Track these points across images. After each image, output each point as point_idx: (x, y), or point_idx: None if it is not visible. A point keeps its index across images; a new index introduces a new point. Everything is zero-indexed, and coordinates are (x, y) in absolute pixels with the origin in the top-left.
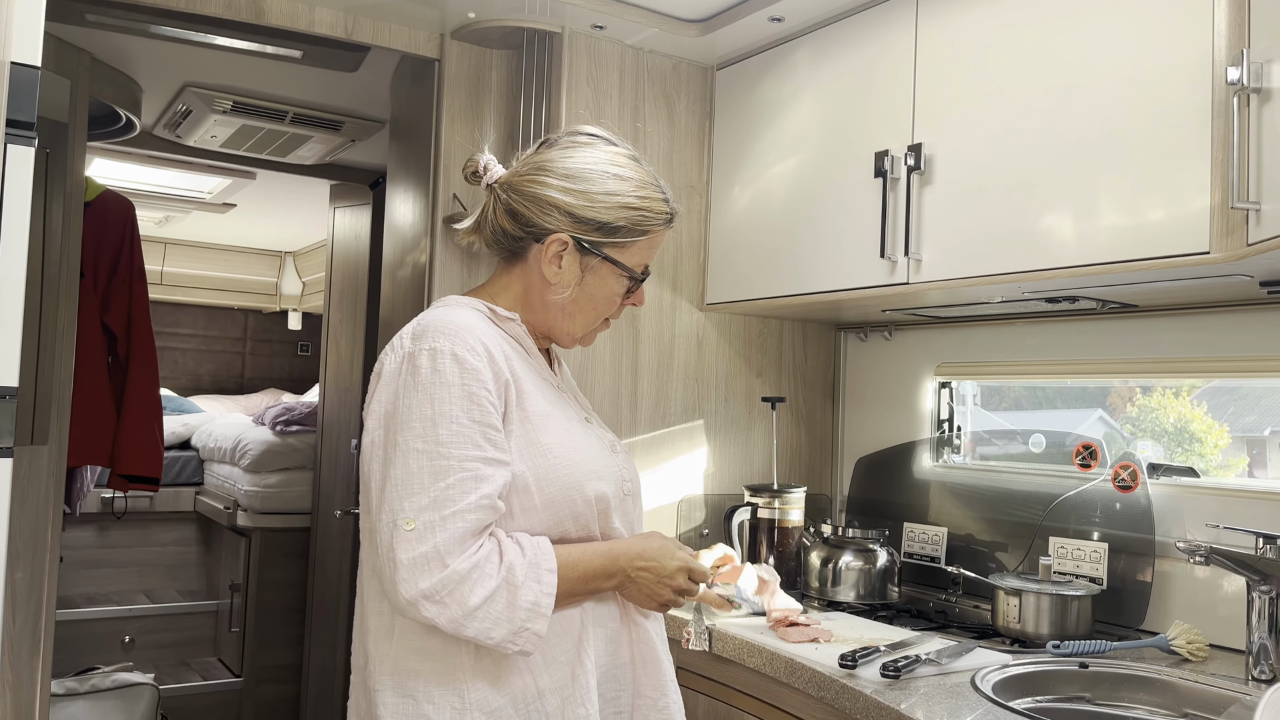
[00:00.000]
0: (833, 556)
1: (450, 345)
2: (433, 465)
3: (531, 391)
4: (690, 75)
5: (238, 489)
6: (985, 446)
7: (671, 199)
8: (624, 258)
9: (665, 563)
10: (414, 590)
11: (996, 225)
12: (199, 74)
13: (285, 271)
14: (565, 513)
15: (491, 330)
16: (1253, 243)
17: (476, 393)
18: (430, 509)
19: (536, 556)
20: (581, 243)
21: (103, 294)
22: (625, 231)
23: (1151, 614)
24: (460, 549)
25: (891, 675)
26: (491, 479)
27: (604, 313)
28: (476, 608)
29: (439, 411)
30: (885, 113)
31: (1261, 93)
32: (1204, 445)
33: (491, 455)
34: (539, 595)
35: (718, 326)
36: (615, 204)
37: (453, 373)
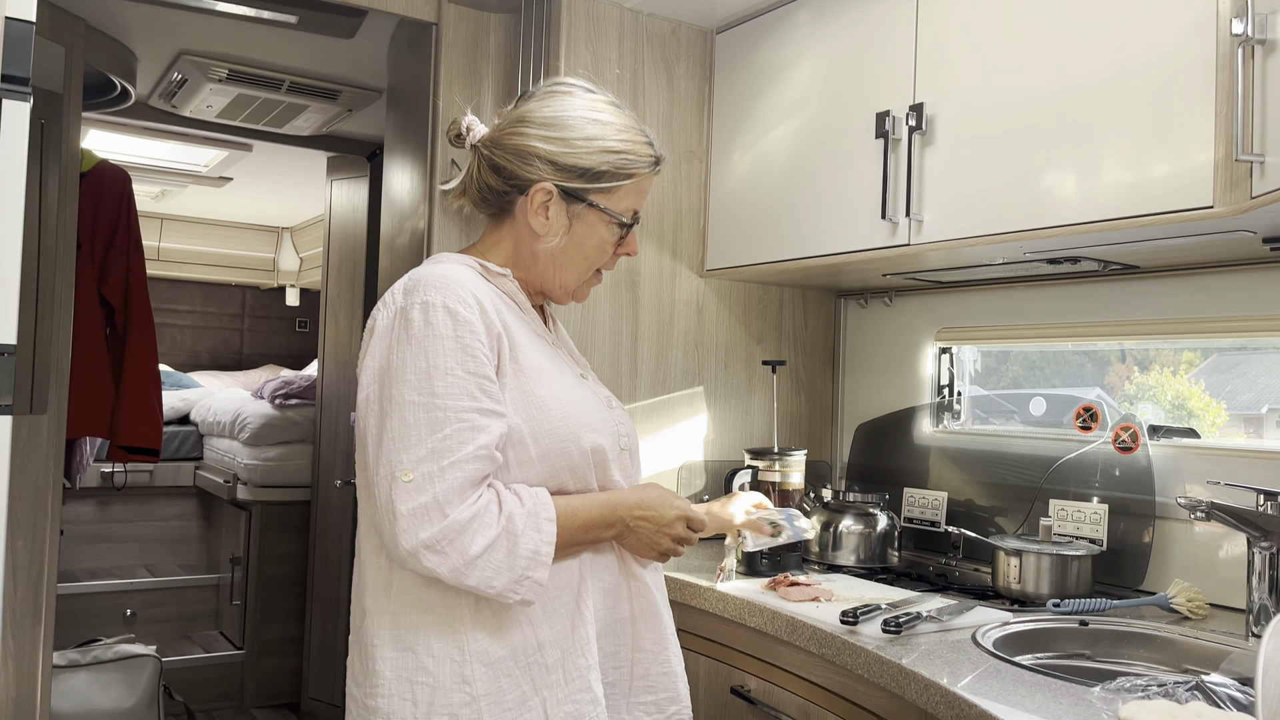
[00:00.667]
0: (833, 520)
1: (442, 298)
2: (429, 417)
3: (525, 345)
4: (690, 39)
5: (237, 463)
6: (988, 416)
7: (657, 144)
8: (611, 204)
9: (664, 512)
10: (414, 541)
11: (998, 184)
12: (194, 41)
13: (283, 247)
14: (562, 465)
15: (483, 285)
16: (1256, 195)
17: (470, 344)
18: (428, 460)
19: (535, 506)
20: (566, 190)
21: (100, 266)
22: (609, 176)
23: (1151, 574)
24: (460, 499)
25: (893, 631)
26: (488, 429)
27: (595, 262)
28: (477, 556)
29: (433, 364)
30: (886, 73)
31: (1266, 44)
32: (1201, 422)
33: (487, 406)
34: (539, 544)
35: (718, 293)
36: (597, 149)
37: (445, 325)
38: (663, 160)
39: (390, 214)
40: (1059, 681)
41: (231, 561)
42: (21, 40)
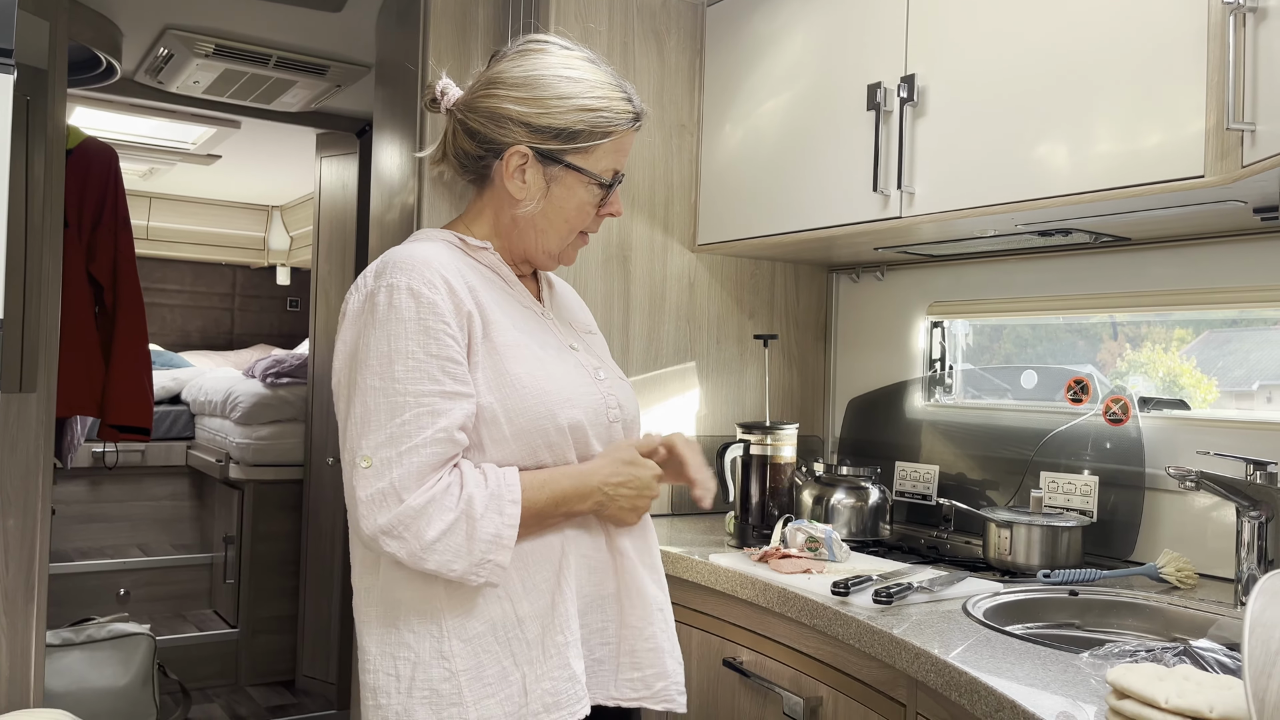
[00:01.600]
0: (825, 494)
1: (407, 280)
2: (389, 402)
3: (500, 321)
4: (680, 11)
5: (229, 442)
6: (980, 394)
7: (637, 99)
8: (588, 164)
9: (640, 475)
10: (373, 526)
11: (990, 156)
12: (180, 15)
13: (273, 226)
14: (538, 442)
15: (459, 261)
16: (1247, 164)
17: (433, 326)
18: (386, 445)
19: (499, 488)
20: (541, 153)
21: (87, 243)
22: (585, 135)
23: (1141, 545)
24: (417, 483)
25: (884, 602)
26: (449, 412)
27: (577, 225)
28: (434, 541)
29: (395, 348)
30: (878, 44)
31: (1258, 12)
32: (1193, 399)
33: (450, 389)
34: (500, 527)
35: (709, 268)
36: (570, 107)
37: (409, 308)
38: (644, 115)
39: (380, 190)
40: (1048, 650)
41: (224, 540)
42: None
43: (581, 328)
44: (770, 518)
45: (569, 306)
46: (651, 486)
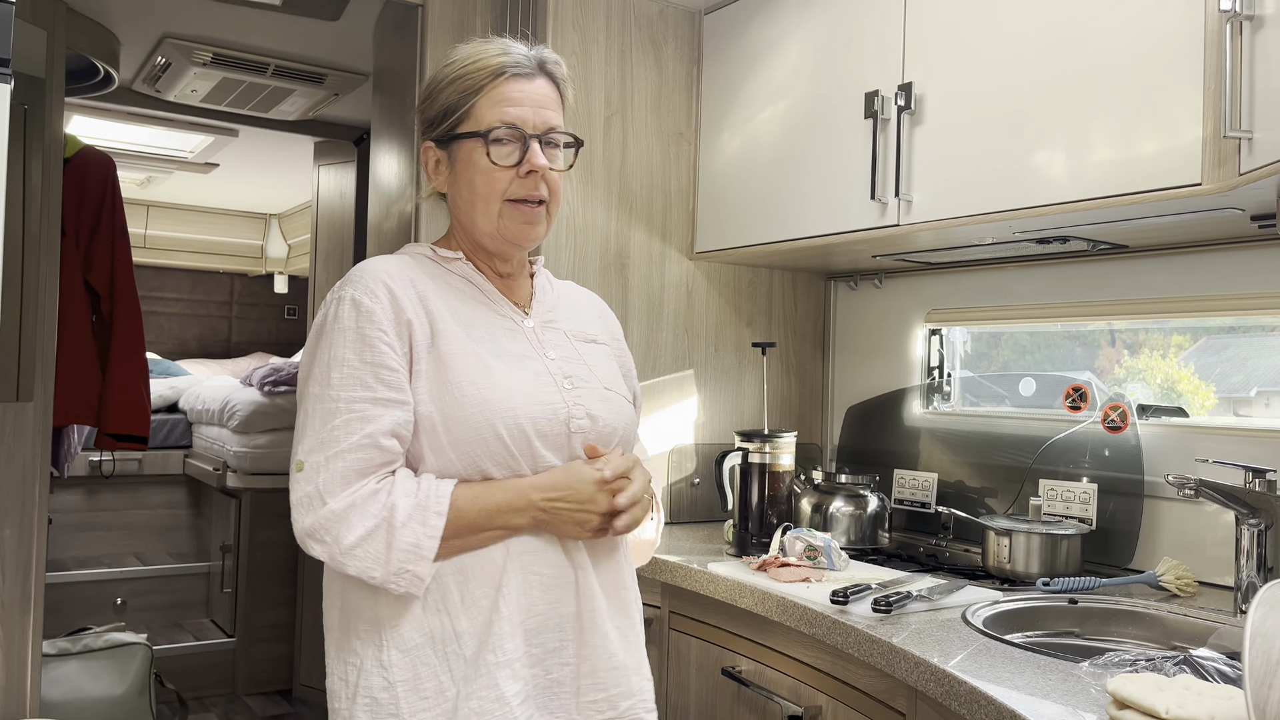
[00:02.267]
0: (824, 502)
1: (352, 291)
2: (323, 409)
3: (451, 330)
4: (678, 19)
5: (227, 450)
6: (978, 401)
7: (519, 50)
8: (471, 125)
9: (579, 488)
10: (300, 528)
11: (988, 163)
12: (177, 24)
13: (270, 234)
14: (478, 451)
15: (422, 272)
16: (1244, 172)
17: (369, 334)
18: (317, 450)
19: (427, 499)
20: (437, 139)
21: (85, 252)
22: (459, 103)
23: (1140, 553)
24: (342, 488)
25: (883, 610)
26: (378, 419)
27: (493, 192)
28: (353, 546)
29: (333, 356)
30: (875, 53)
31: (1255, 19)
32: (1191, 405)
33: (382, 395)
34: (420, 537)
35: (707, 276)
36: (444, 85)
37: (349, 317)
38: (525, 63)
39: (378, 198)
40: (1048, 659)
41: (222, 549)
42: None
43: (580, 335)
44: (769, 526)
45: (573, 314)
46: (594, 500)
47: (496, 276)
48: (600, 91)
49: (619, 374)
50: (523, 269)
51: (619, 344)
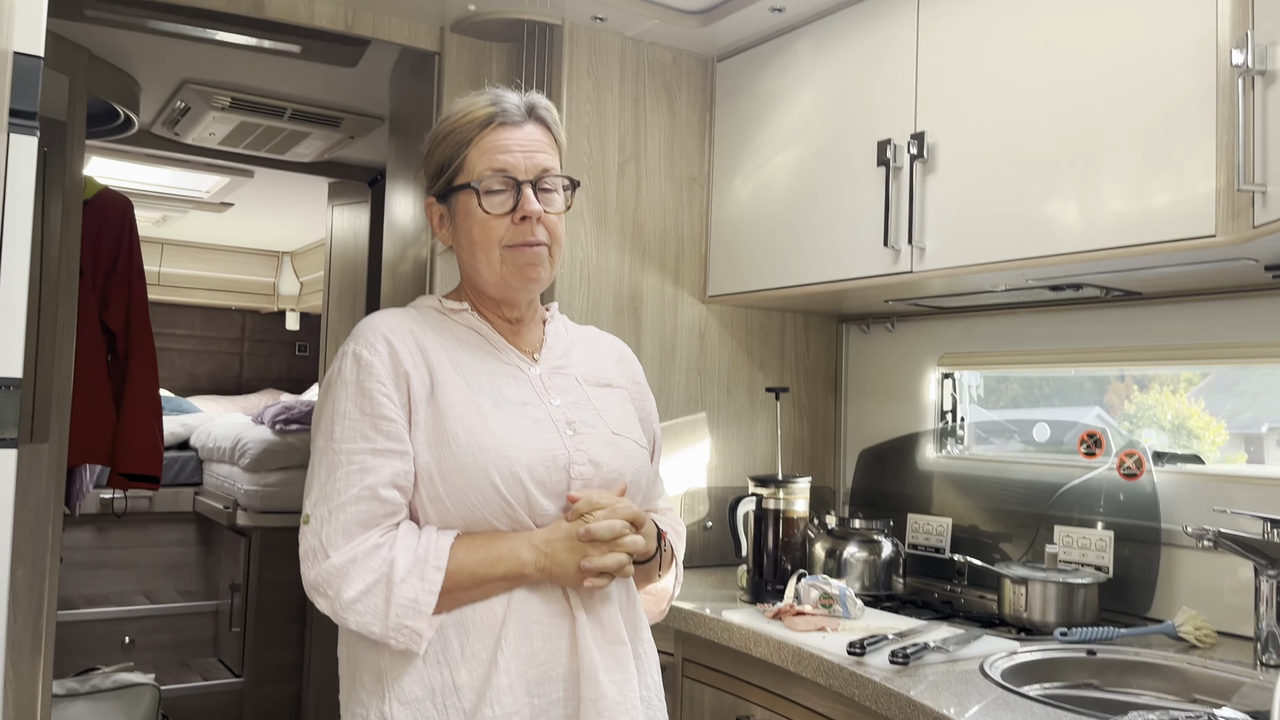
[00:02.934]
0: (837, 547)
1: (354, 346)
2: (327, 462)
3: (451, 381)
4: (691, 67)
5: (237, 488)
6: (988, 436)
7: (509, 99)
8: (464, 177)
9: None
10: (306, 581)
11: (1001, 212)
12: (197, 70)
13: (283, 271)
14: (475, 500)
15: (425, 325)
16: (1259, 225)
17: (368, 386)
18: (321, 503)
19: (427, 553)
20: (438, 195)
21: (101, 292)
22: (453, 155)
23: (1158, 601)
24: (344, 541)
25: (900, 662)
26: (377, 470)
27: (490, 240)
28: (353, 601)
29: (336, 410)
30: (887, 101)
31: (1266, 75)
32: (1202, 442)
33: (381, 446)
34: (419, 593)
35: (720, 319)
36: (439, 141)
37: (350, 371)
38: (511, 111)
39: (393, 239)
40: (1067, 713)
41: (230, 588)
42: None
43: (593, 380)
44: (783, 572)
45: (588, 359)
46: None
47: (505, 324)
48: (614, 137)
49: (633, 418)
50: (534, 315)
51: (638, 387)
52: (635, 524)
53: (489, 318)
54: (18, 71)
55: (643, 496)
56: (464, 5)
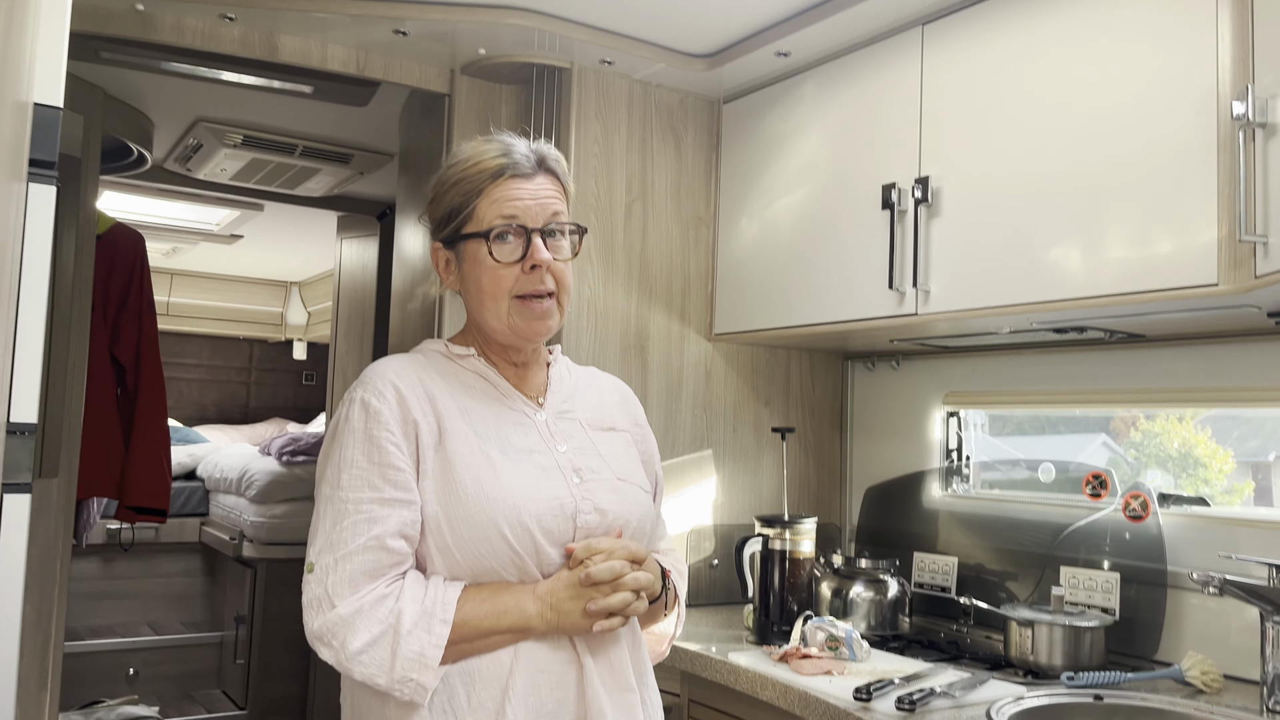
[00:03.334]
0: (843, 587)
1: (362, 393)
2: (334, 510)
3: (459, 429)
4: (697, 108)
5: (243, 519)
6: (993, 474)
7: (519, 149)
8: (474, 226)
9: (566, 573)
10: (309, 631)
11: (1004, 257)
12: (210, 109)
13: (291, 301)
14: (483, 551)
15: (433, 370)
16: (1261, 275)
17: (376, 434)
18: (326, 552)
19: (434, 605)
20: (445, 240)
21: (112, 326)
22: (462, 205)
23: (1165, 644)
24: (351, 591)
25: (906, 709)
26: (384, 519)
27: (500, 289)
28: (358, 652)
29: (344, 458)
30: (892, 145)
31: (1267, 127)
32: (1209, 470)
33: (389, 495)
34: (425, 646)
35: (725, 356)
36: (447, 188)
37: (359, 419)
38: (523, 163)
39: (402, 275)
40: None
41: (235, 619)
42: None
43: (597, 424)
44: (790, 613)
45: (591, 402)
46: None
47: (511, 367)
48: (622, 178)
49: (637, 461)
50: (539, 358)
51: (641, 429)
52: (636, 562)
53: (495, 362)
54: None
55: (647, 540)
56: (474, 49)
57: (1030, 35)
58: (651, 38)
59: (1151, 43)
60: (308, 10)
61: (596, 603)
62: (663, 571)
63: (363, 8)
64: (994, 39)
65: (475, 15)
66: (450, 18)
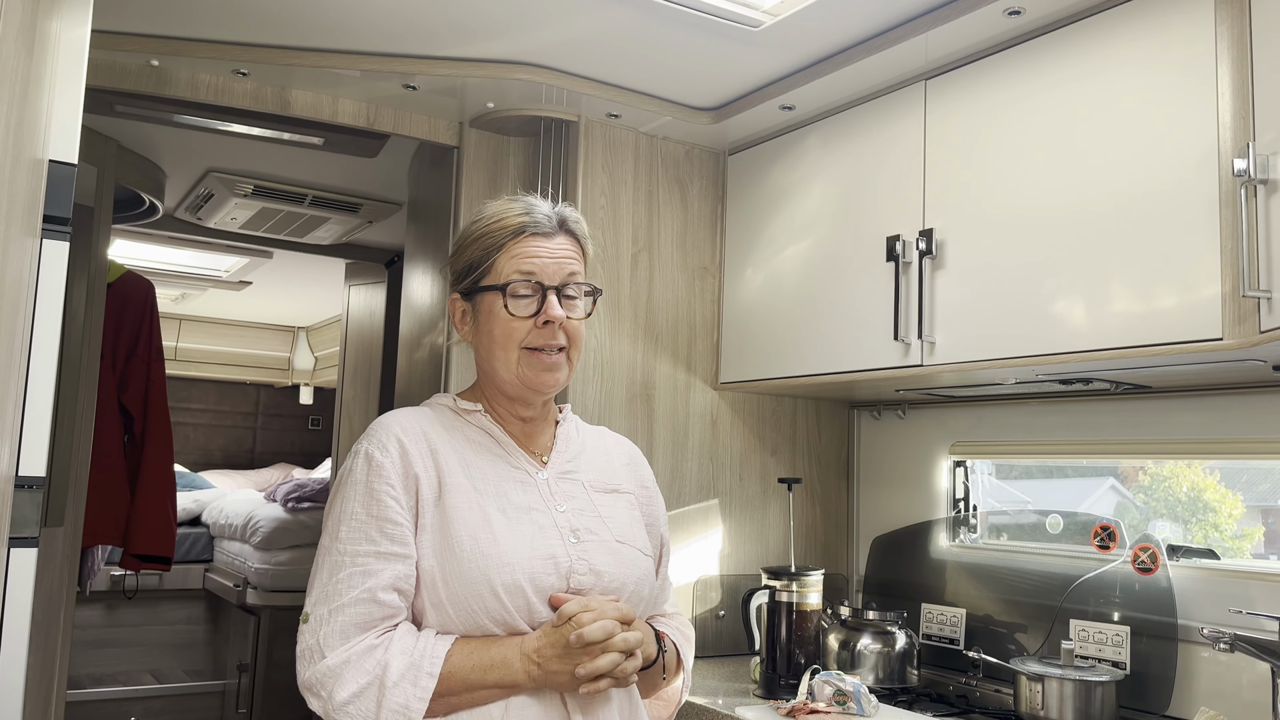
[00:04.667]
0: (851, 639)
1: (367, 445)
2: (331, 561)
3: (459, 484)
4: (703, 160)
5: (248, 566)
6: (1001, 519)
7: (540, 209)
8: (491, 279)
9: (555, 633)
10: (300, 680)
11: (1009, 309)
12: (222, 160)
13: (298, 346)
14: (475, 607)
15: (438, 425)
16: (1265, 330)
17: (376, 488)
18: (321, 603)
19: (421, 658)
20: (463, 292)
21: (120, 374)
22: (483, 259)
23: (1177, 699)
24: (341, 642)
25: None
26: (379, 573)
27: (512, 340)
28: (345, 703)
29: (344, 510)
30: (896, 198)
31: (1268, 184)
32: (1218, 515)
33: (385, 549)
34: (410, 699)
35: (731, 405)
36: (470, 242)
37: (361, 471)
38: (544, 222)
39: (409, 323)
40: None
41: (239, 668)
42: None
43: (600, 486)
44: (797, 666)
45: (597, 462)
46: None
47: (520, 422)
48: (628, 229)
49: (639, 524)
50: (547, 415)
51: (646, 492)
52: (625, 622)
53: (502, 418)
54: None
55: (646, 604)
56: (483, 102)
57: (1033, 91)
58: (657, 91)
59: (1153, 99)
60: (319, 66)
61: (585, 666)
62: (657, 634)
63: (373, 63)
64: (997, 94)
65: (483, 70)
66: (459, 73)
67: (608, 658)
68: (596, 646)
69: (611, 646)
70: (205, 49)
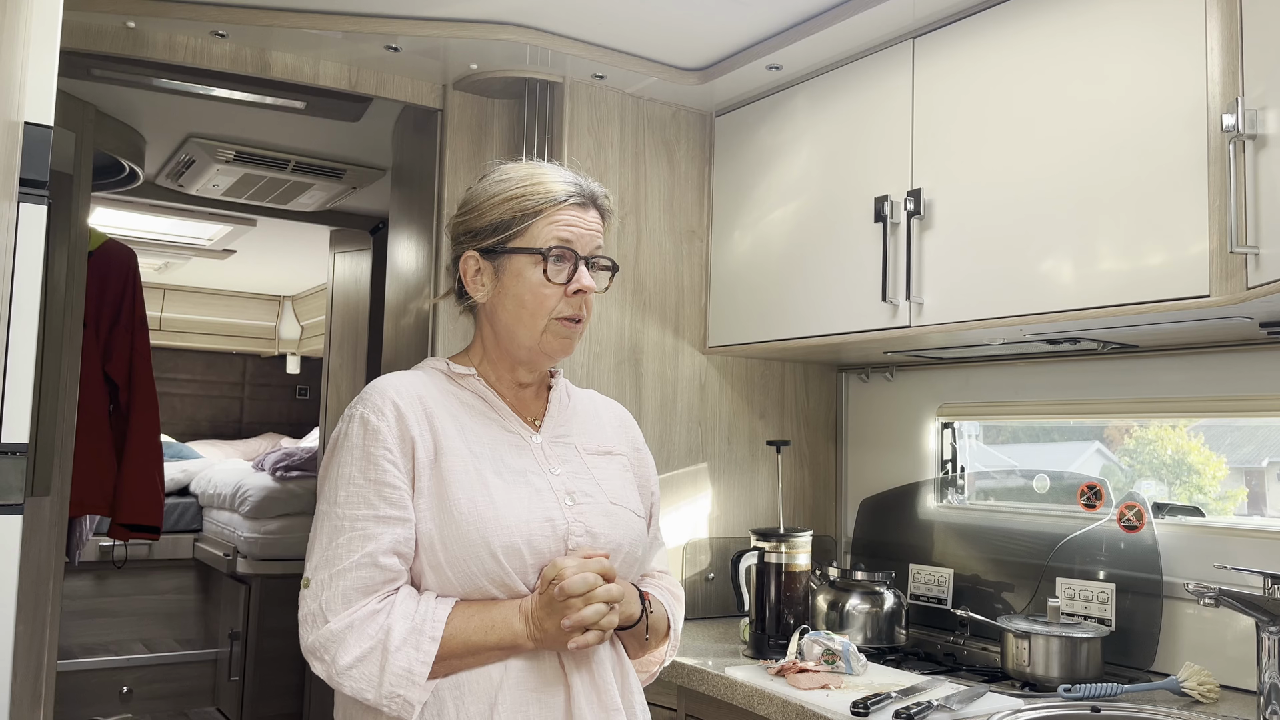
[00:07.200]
0: (839, 599)
1: (362, 409)
2: (330, 525)
3: (455, 448)
4: (690, 122)
5: (237, 535)
6: (988, 483)
7: (583, 182)
8: (525, 242)
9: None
10: (304, 645)
11: (997, 269)
12: (202, 125)
13: (284, 315)
14: (475, 570)
15: (433, 388)
16: (1252, 286)
17: (373, 452)
18: (322, 567)
19: (423, 622)
20: (485, 250)
21: (104, 343)
22: (517, 220)
23: (1161, 655)
24: (343, 607)
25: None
26: (379, 537)
27: (541, 307)
28: (348, 667)
29: (341, 474)
30: (884, 158)
31: (1257, 139)
32: (1202, 477)
33: (384, 513)
34: (413, 662)
35: (720, 369)
36: (499, 201)
37: (357, 435)
38: (584, 193)
39: (395, 289)
40: None
41: (230, 636)
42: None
43: (592, 449)
44: (786, 627)
45: (589, 426)
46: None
47: (513, 388)
48: (615, 192)
49: (632, 486)
50: (541, 381)
51: (638, 453)
52: (606, 578)
53: (496, 383)
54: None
55: (639, 565)
56: (466, 64)
57: (1021, 48)
58: (643, 52)
59: (1142, 55)
60: (299, 27)
61: (571, 616)
62: (641, 594)
63: (354, 24)
64: (985, 52)
65: (467, 31)
66: (442, 33)
67: (593, 607)
68: (580, 599)
69: (594, 598)
70: (182, 9)
